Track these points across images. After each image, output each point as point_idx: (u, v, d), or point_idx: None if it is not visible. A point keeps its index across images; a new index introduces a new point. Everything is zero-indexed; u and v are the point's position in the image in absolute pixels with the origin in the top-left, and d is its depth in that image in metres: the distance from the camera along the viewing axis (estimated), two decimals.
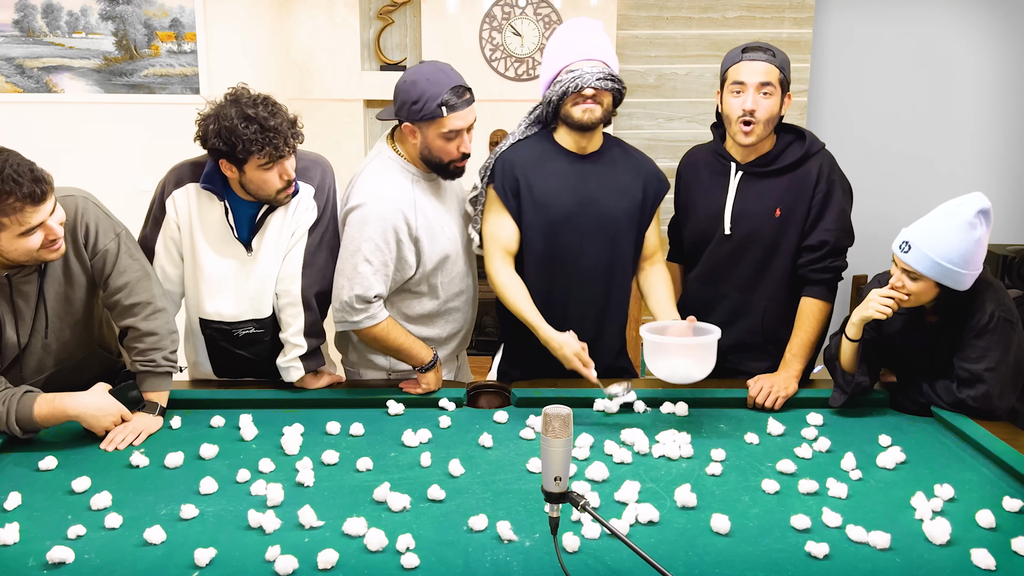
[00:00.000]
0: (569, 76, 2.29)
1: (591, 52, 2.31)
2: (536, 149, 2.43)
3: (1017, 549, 1.61)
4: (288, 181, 2.21)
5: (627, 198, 2.43)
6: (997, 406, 2.15)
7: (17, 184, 1.85)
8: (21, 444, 2.05)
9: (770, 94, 2.33)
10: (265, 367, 2.41)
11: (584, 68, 2.28)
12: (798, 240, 2.42)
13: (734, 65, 2.37)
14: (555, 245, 2.40)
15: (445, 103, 2.22)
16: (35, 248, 1.95)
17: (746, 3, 4.11)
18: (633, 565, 1.55)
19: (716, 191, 2.47)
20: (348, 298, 2.27)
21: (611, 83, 2.30)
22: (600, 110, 2.32)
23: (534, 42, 3.92)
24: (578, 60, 2.30)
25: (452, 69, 2.29)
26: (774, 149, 2.42)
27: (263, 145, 2.11)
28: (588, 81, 2.27)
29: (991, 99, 4.50)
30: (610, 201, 2.41)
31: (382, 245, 2.27)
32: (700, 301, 2.54)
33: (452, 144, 2.29)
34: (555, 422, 1.46)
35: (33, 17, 4.15)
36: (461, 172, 2.39)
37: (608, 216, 2.40)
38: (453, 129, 2.26)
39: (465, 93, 2.27)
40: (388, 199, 2.29)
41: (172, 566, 1.55)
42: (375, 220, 2.26)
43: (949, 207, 2.08)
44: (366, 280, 2.26)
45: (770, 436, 2.16)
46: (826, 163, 2.42)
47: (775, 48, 2.39)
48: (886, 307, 2.16)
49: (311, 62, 3.95)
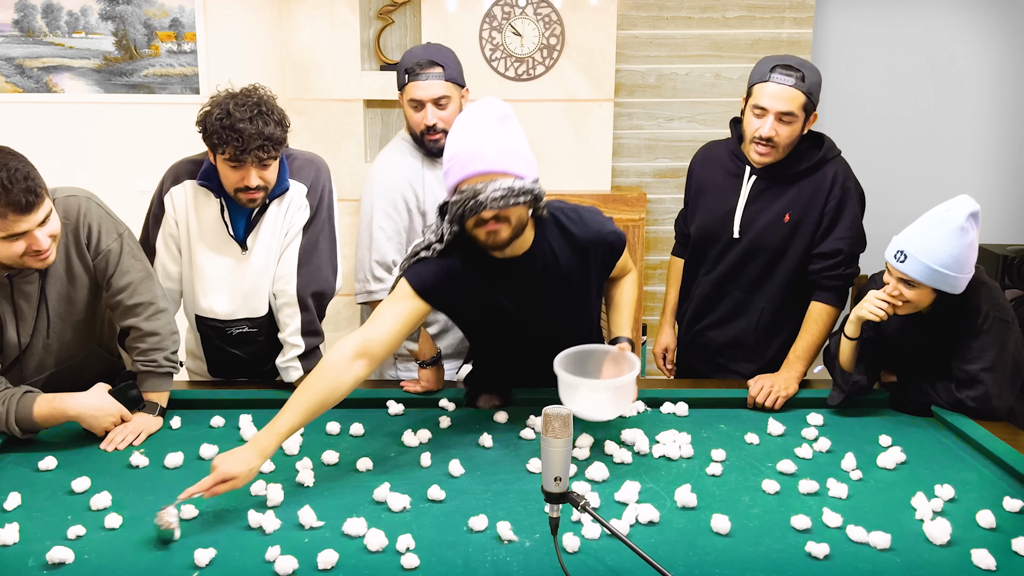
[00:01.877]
0: (461, 198, 1.85)
1: (481, 165, 1.85)
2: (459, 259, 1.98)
3: (1017, 549, 1.61)
4: (247, 187, 2.17)
5: (575, 283, 2.11)
6: (996, 406, 2.15)
7: (5, 190, 1.83)
8: (21, 444, 2.05)
9: (791, 121, 2.28)
10: (259, 368, 2.41)
11: (477, 187, 1.83)
12: (806, 246, 2.41)
13: (760, 84, 2.30)
14: (507, 342, 2.17)
15: (408, 70, 2.37)
16: (17, 254, 1.94)
17: (746, 3, 4.10)
18: (633, 565, 1.55)
19: (728, 193, 2.46)
20: (370, 265, 2.39)
21: (514, 199, 1.83)
22: (508, 228, 1.89)
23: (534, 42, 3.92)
24: (470, 176, 1.85)
25: (440, 49, 2.41)
26: (790, 155, 2.39)
27: (224, 143, 2.11)
28: (484, 205, 1.82)
29: (991, 99, 4.50)
30: (558, 298, 2.09)
31: (392, 212, 2.38)
32: (706, 298, 2.55)
33: (419, 115, 2.42)
34: (555, 422, 1.46)
35: (33, 17, 4.14)
36: (438, 150, 2.42)
37: (557, 315, 2.11)
38: (414, 98, 2.39)
39: (432, 66, 2.35)
40: (396, 171, 2.44)
41: (172, 566, 1.55)
42: (383, 191, 2.40)
43: (939, 213, 2.09)
44: (381, 246, 2.39)
45: (770, 436, 2.16)
46: (841, 170, 2.40)
47: (807, 68, 2.29)
48: (880, 310, 2.16)
49: (311, 62, 3.95)
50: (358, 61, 3.95)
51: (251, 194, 2.20)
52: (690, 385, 2.47)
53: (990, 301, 2.15)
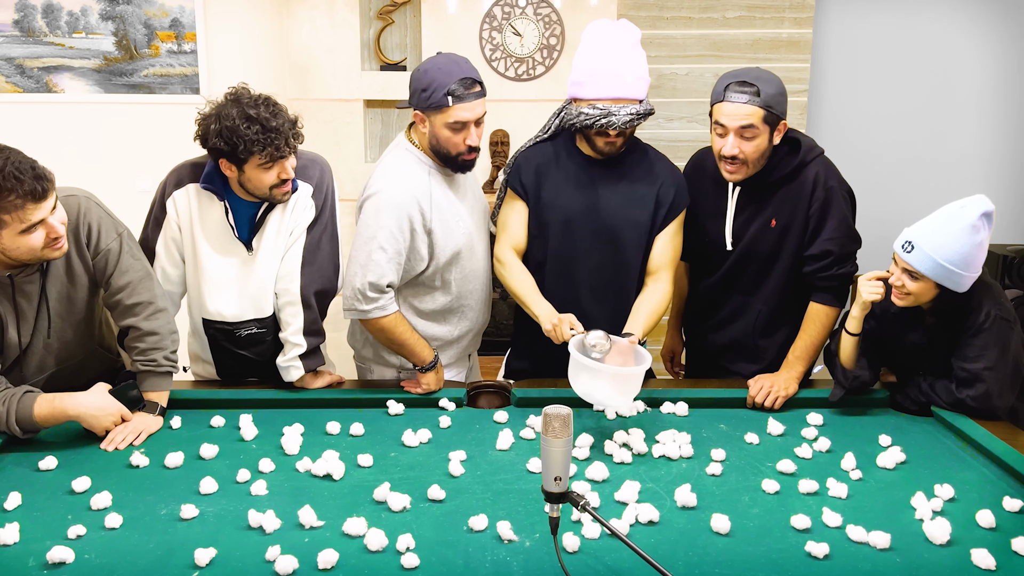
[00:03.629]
0: (597, 113, 2.24)
1: (622, 90, 2.24)
2: (553, 150, 2.43)
3: (1017, 549, 1.61)
4: (285, 180, 2.21)
5: (633, 205, 2.39)
6: (997, 405, 2.15)
7: (18, 181, 1.85)
8: (21, 444, 2.05)
9: (752, 136, 2.25)
10: (268, 368, 2.41)
11: (612, 109, 2.23)
12: (796, 249, 2.40)
13: (718, 104, 2.29)
14: (557, 246, 2.40)
15: (451, 92, 2.22)
16: (38, 246, 1.95)
17: (746, 3, 4.10)
18: (633, 565, 1.55)
19: (717, 206, 2.46)
20: (361, 285, 2.27)
21: (639, 119, 2.26)
22: (622, 140, 2.32)
23: (534, 42, 3.92)
24: (606, 99, 2.24)
25: (468, 63, 2.29)
26: (768, 164, 2.36)
27: (264, 145, 2.11)
28: (614, 125, 2.24)
29: (991, 99, 4.50)
30: (613, 207, 2.38)
31: (396, 233, 2.28)
32: (706, 301, 2.56)
33: (459, 136, 2.28)
34: (555, 422, 1.46)
35: (33, 17, 4.14)
36: (470, 166, 2.37)
37: (608, 222, 2.38)
38: (459, 120, 2.25)
39: (474, 86, 2.26)
40: (404, 188, 2.29)
41: (172, 566, 1.55)
42: (391, 208, 2.27)
43: (952, 209, 2.08)
44: (380, 268, 2.27)
45: (770, 436, 2.16)
46: (823, 170, 2.37)
47: (763, 80, 2.25)
48: (876, 288, 2.17)
49: (311, 62, 3.95)
50: (358, 61, 3.96)
51: (286, 186, 2.22)
52: (690, 385, 2.47)
53: (993, 300, 2.15)
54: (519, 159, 2.45)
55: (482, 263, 2.50)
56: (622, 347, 2.15)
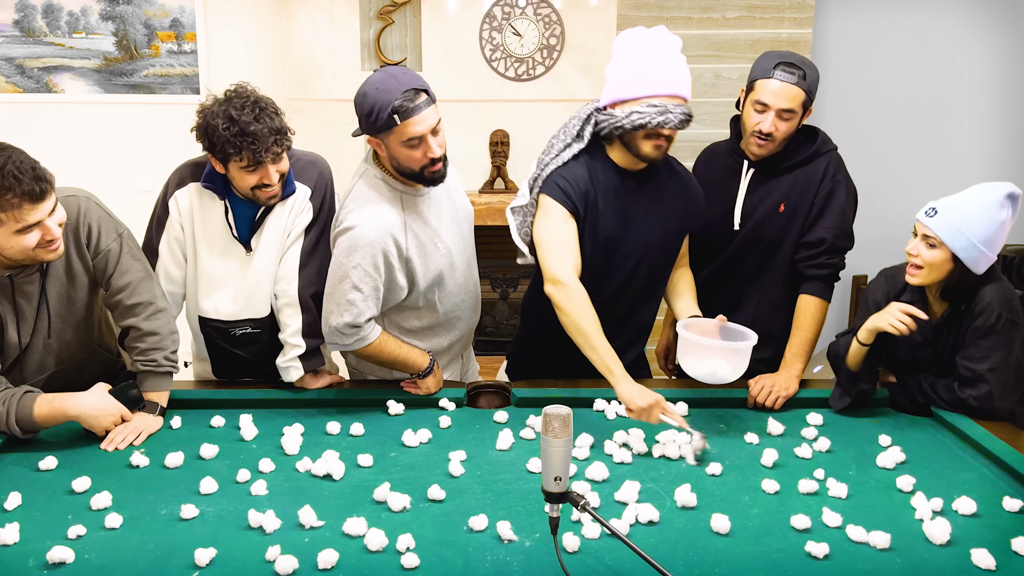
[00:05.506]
0: (652, 110, 2.11)
1: (676, 87, 2.15)
2: (588, 163, 2.28)
3: (1017, 549, 1.61)
4: (267, 184, 2.19)
5: (668, 220, 2.35)
6: (998, 406, 2.15)
7: (17, 181, 1.85)
8: (21, 444, 2.05)
9: (790, 117, 2.34)
10: (263, 368, 2.41)
11: (669, 107, 2.12)
12: (798, 237, 2.46)
13: (763, 80, 2.34)
14: (590, 264, 2.28)
15: (396, 110, 2.07)
16: (31, 247, 1.94)
17: (746, 3, 4.11)
18: (633, 565, 1.55)
19: (729, 187, 2.51)
20: (337, 324, 2.19)
21: (689, 121, 2.17)
22: (668, 145, 2.20)
23: (534, 42, 3.92)
24: (663, 95, 2.13)
25: (406, 73, 2.14)
26: (785, 148, 2.44)
27: (240, 149, 2.11)
28: (672, 122, 2.12)
29: (991, 99, 4.50)
30: (650, 222, 2.32)
31: (371, 271, 2.17)
32: (706, 290, 2.56)
33: (418, 151, 2.13)
34: (555, 422, 1.46)
35: (33, 17, 4.15)
36: (440, 177, 2.22)
37: (647, 237, 2.32)
38: (412, 136, 2.10)
39: (419, 95, 2.09)
40: (377, 223, 2.17)
41: (172, 566, 1.55)
42: (364, 246, 2.15)
43: (981, 186, 2.11)
44: (356, 308, 2.18)
45: (770, 436, 2.16)
46: (833, 163, 2.45)
47: (808, 65, 2.34)
48: (903, 324, 2.15)
49: (311, 62, 3.95)
50: (358, 61, 3.96)
51: (270, 190, 2.21)
52: (690, 385, 2.47)
53: (1004, 302, 2.15)
54: (565, 175, 2.26)
55: (466, 276, 2.41)
56: (711, 326, 2.23)
